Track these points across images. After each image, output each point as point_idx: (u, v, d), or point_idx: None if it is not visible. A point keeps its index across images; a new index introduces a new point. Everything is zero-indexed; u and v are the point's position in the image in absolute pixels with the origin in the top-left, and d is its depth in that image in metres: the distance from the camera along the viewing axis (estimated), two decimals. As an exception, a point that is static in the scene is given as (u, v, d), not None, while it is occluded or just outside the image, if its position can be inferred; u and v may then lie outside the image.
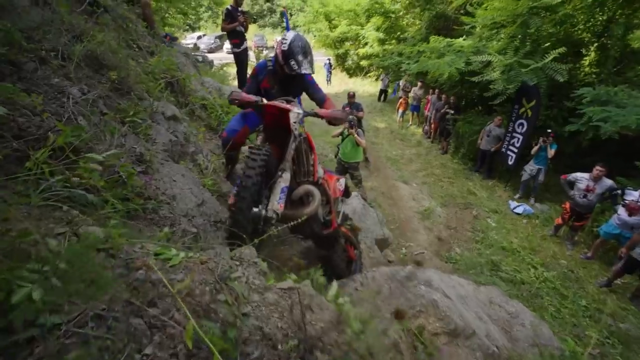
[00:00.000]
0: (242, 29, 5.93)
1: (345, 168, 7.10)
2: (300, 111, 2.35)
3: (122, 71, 2.49)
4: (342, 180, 3.10)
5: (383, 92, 17.04)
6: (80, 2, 3.16)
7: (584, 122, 7.29)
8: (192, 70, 4.91)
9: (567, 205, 7.21)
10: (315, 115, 2.39)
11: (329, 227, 2.77)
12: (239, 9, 5.87)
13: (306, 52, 2.46)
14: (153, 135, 2.42)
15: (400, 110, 14.06)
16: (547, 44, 8.53)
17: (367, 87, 20.47)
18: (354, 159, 7.04)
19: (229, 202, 1.96)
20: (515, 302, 4.18)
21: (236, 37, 5.98)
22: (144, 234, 1.64)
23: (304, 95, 2.98)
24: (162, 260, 1.08)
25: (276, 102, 2.21)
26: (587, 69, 8.38)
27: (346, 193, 3.25)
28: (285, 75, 2.59)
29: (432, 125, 12.51)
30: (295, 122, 2.26)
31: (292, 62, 2.44)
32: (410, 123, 14.35)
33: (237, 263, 1.28)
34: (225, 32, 6.09)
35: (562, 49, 7.40)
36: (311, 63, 2.51)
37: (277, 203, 1.98)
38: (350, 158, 7.04)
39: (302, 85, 2.80)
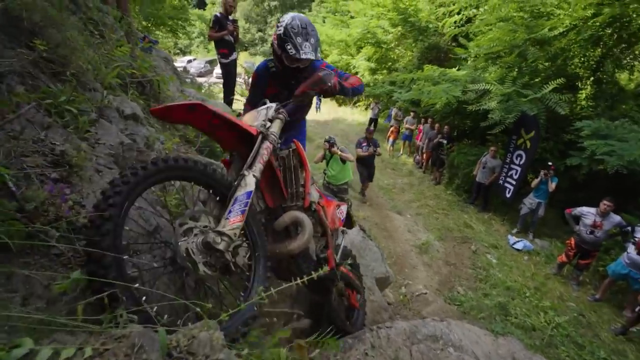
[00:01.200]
0: (232, 39, 5.44)
1: (334, 192, 6.68)
2: (268, 105, 1.72)
3: (64, 48, 1.85)
4: (344, 207, 2.47)
5: (373, 120, 16.82)
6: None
7: (587, 156, 6.99)
8: (171, 75, 4.30)
9: (572, 241, 6.76)
10: (296, 99, 1.82)
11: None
12: (229, 17, 5.40)
13: (307, 33, 1.88)
14: (97, 133, 1.76)
15: (391, 139, 13.77)
16: (542, 76, 8.44)
17: (356, 115, 20.32)
18: (343, 180, 6.81)
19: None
20: (540, 358, 3.56)
21: (224, 46, 5.47)
22: (31, 285, 0.95)
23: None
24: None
25: (173, 103, 1.55)
26: (583, 103, 8.25)
27: (348, 223, 2.61)
28: (289, 71, 2.01)
29: (424, 155, 12.19)
30: (264, 120, 1.62)
31: (289, 47, 1.86)
32: (401, 152, 14.03)
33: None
34: (213, 43, 5.61)
35: (561, 80, 7.22)
36: (315, 47, 1.92)
37: (224, 219, 1.33)
38: (339, 180, 6.79)
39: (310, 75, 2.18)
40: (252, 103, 2.19)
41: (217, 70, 24.87)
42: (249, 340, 1.27)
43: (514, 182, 8.81)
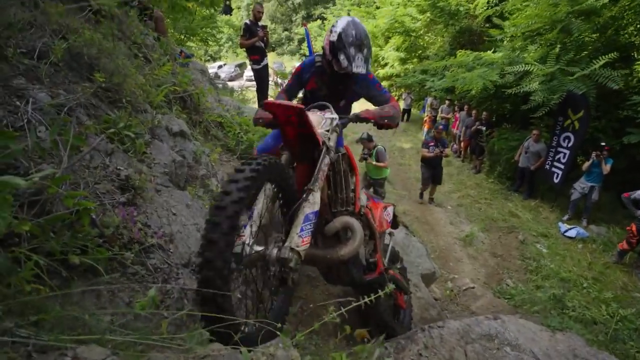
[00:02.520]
0: (262, 45, 5.55)
1: (370, 184, 7.00)
2: (334, 116, 1.77)
3: (118, 76, 2.00)
4: (390, 209, 2.46)
5: (406, 111, 16.48)
6: (82, 9, 2.78)
7: (648, 133, 6.42)
8: (209, 87, 4.48)
9: (634, 227, 6.23)
10: (357, 119, 1.81)
11: (373, 271, 2.12)
12: (259, 23, 5.51)
13: (361, 44, 1.86)
14: (152, 153, 1.89)
15: (426, 129, 13.42)
16: (589, 50, 7.82)
17: (388, 107, 19.98)
18: (380, 176, 6.99)
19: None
20: (607, 355, 3.34)
21: (256, 53, 5.60)
22: (116, 303, 1.05)
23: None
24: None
25: (281, 101, 1.62)
26: (640, 75, 7.54)
27: (394, 223, 2.60)
28: (336, 75, 2.00)
29: (462, 144, 11.76)
30: (327, 131, 1.68)
31: (342, 57, 1.86)
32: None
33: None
34: (244, 50, 5.76)
35: (613, 54, 6.65)
36: (367, 60, 1.91)
37: (297, 236, 1.36)
38: (376, 175, 6.97)
39: (359, 87, 2.18)
40: (290, 93, 2.27)
41: (247, 72, 25.42)
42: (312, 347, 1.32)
43: (562, 167, 8.27)
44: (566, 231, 7.61)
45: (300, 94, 2.52)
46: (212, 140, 3.57)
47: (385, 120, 1.79)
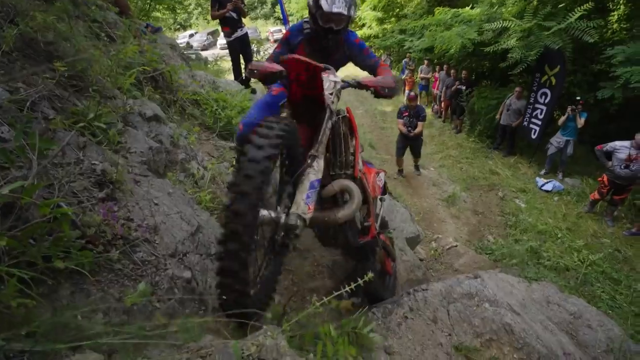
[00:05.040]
0: (233, 15, 5.26)
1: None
2: (337, 79, 1.76)
3: (81, 62, 1.89)
4: (382, 175, 2.50)
5: (386, 74, 16.23)
6: (31, -14, 2.56)
7: (619, 85, 6.54)
8: (180, 63, 4.28)
9: (605, 178, 6.54)
10: (359, 85, 1.80)
11: (366, 234, 2.18)
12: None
13: None
14: (127, 143, 1.84)
15: (407, 91, 13.30)
16: (565, 3, 7.74)
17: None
18: None
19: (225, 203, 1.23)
20: (575, 299, 3.62)
21: (226, 24, 5.33)
22: (106, 300, 1.07)
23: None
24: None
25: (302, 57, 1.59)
26: (615, 26, 7.56)
27: (383, 190, 2.64)
28: (325, 35, 2.05)
29: (443, 104, 11.78)
30: (331, 94, 1.67)
31: (322, 1, 1.91)
32: (418, 103, 13.61)
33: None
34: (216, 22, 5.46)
35: (588, 5, 6.62)
36: (349, 5, 1.95)
37: (304, 203, 1.38)
38: None
39: (347, 51, 2.23)
40: (278, 61, 2.21)
41: (221, 41, 24.24)
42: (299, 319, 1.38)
43: (539, 123, 8.46)
44: (543, 185, 7.93)
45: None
46: (189, 120, 3.47)
47: (386, 91, 1.77)
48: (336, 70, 2.42)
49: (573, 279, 5.25)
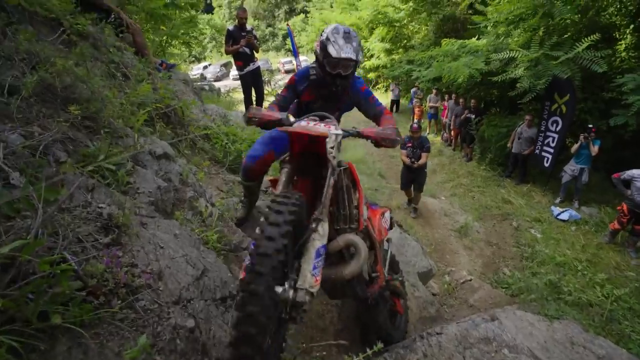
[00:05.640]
0: (247, 50, 5.46)
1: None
2: (339, 131, 1.74)
3: (95, 103, 1.95)
4: (387, 214, 2.44)
5: (394, 102, 16.46)
6: (54, 30, 2.70)
7: (633, 113, 6.47)
8: (193, 98, 4.41)
9: (624, 207, 6.32)
10: (359, 135, 1.78)
11: (375, 284, 2.11)
12: (245, 28, 5.40)
13: (349, 37, 1.95)
14: (135, 183, 1.85)
15: (416, 120, 13.43)
16: (572, 32, 7.84)
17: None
18: None
19: (240, 278, 1.24)
20: (602, 340, 3.39)
21: (239, 59, 5.52)
22: (105, 355, 1.03)
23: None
24: None
25: (306, 126, 1.59)
26: (623, 54, 7.59)
27: (389, 225, 2.58)
28: (331, 81, 2.07)
29: (452, 132, 11.80)
30: (332, 147, 1.64)
31: (331, 48, 1.93)
32: (427, 132, 13.66)
33: None
34: (230, 56, 5.66)
35: (595, 35, 6.68)
36: (357, 51, 1.97)
37: (310, 275, 1.30)
38: None
39: (352, 98, 2.26)
40: (281, 105, 2.18)
41: (234, 72, 25.14)
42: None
43: (551, 151, 8.36)
44: (559, 214, 7.70)
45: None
46: (199, 154, 3.52)
47: (386, 142, 1.75)
48: (341, 115, 2.45)
49: (597, 316, 4.95)
